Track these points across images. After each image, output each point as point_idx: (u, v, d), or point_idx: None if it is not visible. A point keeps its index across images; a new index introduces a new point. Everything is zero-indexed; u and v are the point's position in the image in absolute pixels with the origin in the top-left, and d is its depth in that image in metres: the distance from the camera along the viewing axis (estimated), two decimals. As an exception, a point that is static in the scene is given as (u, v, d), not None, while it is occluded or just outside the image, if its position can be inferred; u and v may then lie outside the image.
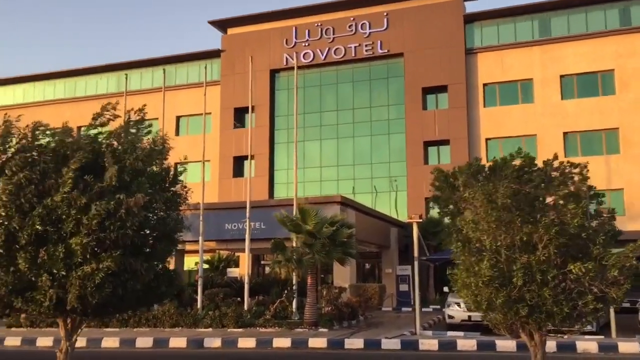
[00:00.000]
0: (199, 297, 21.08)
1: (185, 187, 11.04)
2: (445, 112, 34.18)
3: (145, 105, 11.07)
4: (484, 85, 34.28)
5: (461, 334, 17.32)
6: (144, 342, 16.79)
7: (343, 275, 24.40)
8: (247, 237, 21.70)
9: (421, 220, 19.02)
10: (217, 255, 33.49)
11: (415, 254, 18.32)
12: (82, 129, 10.11)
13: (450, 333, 17.59)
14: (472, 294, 8.21)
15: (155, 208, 9.57)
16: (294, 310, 20.18)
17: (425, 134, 34.33)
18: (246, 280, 21.11)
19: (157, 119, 40.59)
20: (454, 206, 9.67)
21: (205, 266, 34.05)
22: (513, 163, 8.92)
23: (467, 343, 15.53)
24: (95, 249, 8.63)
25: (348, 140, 36.29)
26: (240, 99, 36.37)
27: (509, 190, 8.02)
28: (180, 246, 27.18)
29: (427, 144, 34.63)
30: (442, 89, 34.66)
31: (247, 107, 37.09)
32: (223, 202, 29.70)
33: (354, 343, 15.93)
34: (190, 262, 35.81)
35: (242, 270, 32.34)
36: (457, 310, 18.64)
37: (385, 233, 30.39)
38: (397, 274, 29.65)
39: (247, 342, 16.36)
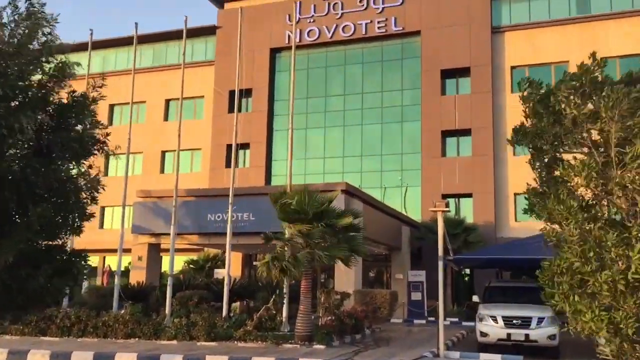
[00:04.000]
0: (167, 301, 17.03)
1: (103, 125, 7.07)
2: (467, 98, 30.07)
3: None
4: (512, 68, 30.15)
5: (498, 357, 13.31)
6: (82, 357, 12.75)
7: (346, 279, 20.32)
8: (228, 227, 17.69)
9: (448, 210, 14.96)
10: (204, 254, 29.42)
11: (440, 252, 14.29)
12: None
13: (484, 356, 13.54)
14: (593, 306, 4.09)
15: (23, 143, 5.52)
16: (283, 319, 16.13)
17: (443, 122, 30.20)
18: (226, 281, 17.03)
19: (144, 102, 37.04)
20: (553, 144, 5.52)
21: (175, 268, 30.41)
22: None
23: (512, 372, 11.46)
24: None
25: (356, 128, 32.18)
26: (238, 81, 32.32)
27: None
28: (154, 240, 23.38)
29: (446, 134, 30.48)
30: (464, 71, 30.53)
31: (244, 90, 33.39)
32: (204, 189, 25.67)
33: (359, 367, 11.89)
34: (177, 263, 31.81)
35: (233, 271, 28.29)
36: (492, 326, 14.46)
37: (396, 232, 26.28)
38: (409, 280, 25.59)
39: (216, 362, 12.33)
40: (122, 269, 28.10)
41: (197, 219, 21.46)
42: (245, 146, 33.22)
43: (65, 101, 6.69)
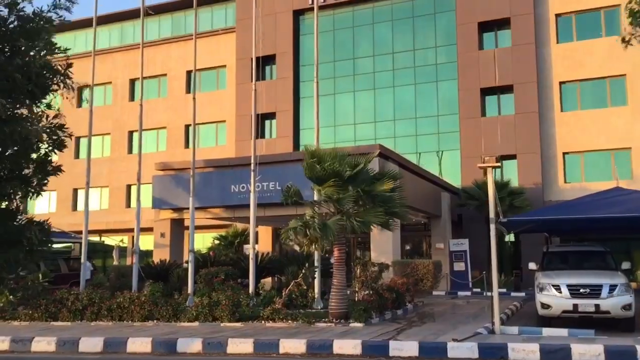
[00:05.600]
0: (189, 279, 15.64)
1: (62, 49, 5.44)
2: (508, 52, 27.68)
3: None
4: (557, 16, 27.56)
5: (564, 332, 11.47)
6: (91, 344, 11.40)
7: (384, 249, 18.68)
8: (252, 197, 16.10)
9: (499, 165, 13.02)
10: (233, 229, 28.14)
11: (492, 214, 12.42)
12: None
13: (547, 331, 11.69)
14: None
15: None
16: (316, 296, 14.57)
17: (482, 79, 27.94)
18: (251, 255, 15.51)
19: (165, 75, 35.62)
20: None
21: (204, 245, 29.63)
22: None
23: (587, 350, 9.59)
24: None
25: (387, 91, 30.16)
26: (260, 46, 30.51)
27: None
28: (176, 215, 21.93)
29: (485, 92, 28.23)
30: (504, 23, 28.10)
31: (268, 56, 31.58)
32: (226, 159, 24.12)
33: (404, 348, 10.21)
34: (206, 240, 30.68)
35: (263, 246, 26.94)
36: (555, 297, 12.56)
37: (435, 198, 24.40)
38: (451, 249, 23.90)
39: (240, 345, 10.83)
40: (150, 248, 27.17)
41: (220, 191, 20.02)
42: (271, 116, 31.64)
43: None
